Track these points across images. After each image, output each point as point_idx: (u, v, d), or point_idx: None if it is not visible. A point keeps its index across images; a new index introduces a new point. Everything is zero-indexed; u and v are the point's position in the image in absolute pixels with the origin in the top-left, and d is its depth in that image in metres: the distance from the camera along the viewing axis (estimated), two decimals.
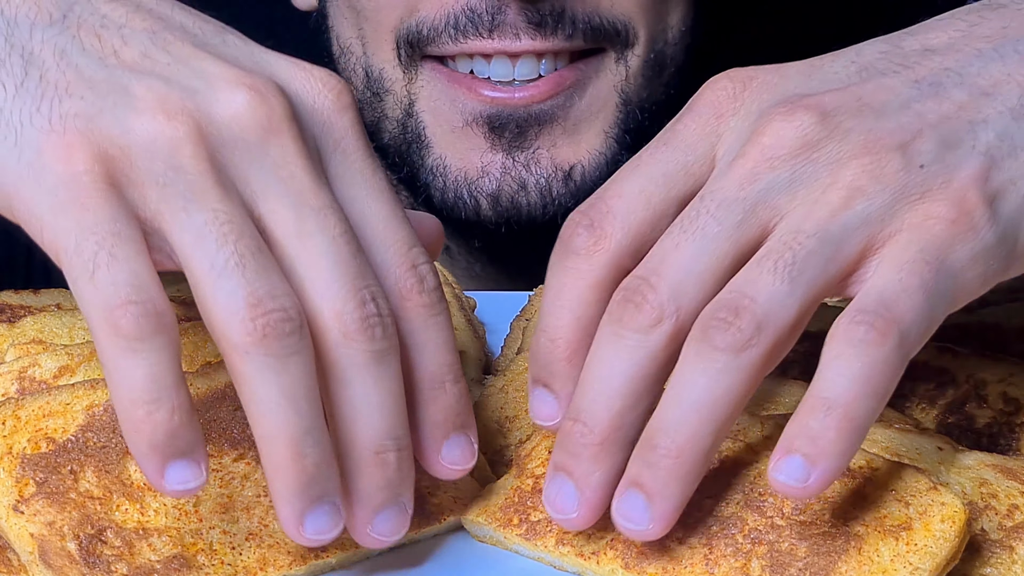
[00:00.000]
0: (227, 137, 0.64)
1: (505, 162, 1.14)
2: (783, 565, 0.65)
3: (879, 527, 0.66)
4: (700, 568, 0.66)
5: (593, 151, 1.16)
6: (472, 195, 1.15)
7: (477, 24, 1.10)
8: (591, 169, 1.16)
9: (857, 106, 0.67)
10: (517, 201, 1.14)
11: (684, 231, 0.66)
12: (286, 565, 0.67)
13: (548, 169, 1.14)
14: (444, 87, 1.14)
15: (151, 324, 0.60)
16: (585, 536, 0.68)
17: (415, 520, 0.68)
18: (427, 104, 1.16)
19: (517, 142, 1.14)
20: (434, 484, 0.71)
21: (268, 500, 0.68)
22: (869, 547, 0.65)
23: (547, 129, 1.14)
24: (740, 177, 0.66)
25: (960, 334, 0.83)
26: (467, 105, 1.14)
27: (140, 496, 0.67)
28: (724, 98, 0.70)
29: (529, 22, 1.10)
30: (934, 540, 0.65)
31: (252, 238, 0.63)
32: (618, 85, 1.16)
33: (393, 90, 1.17)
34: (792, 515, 0.67)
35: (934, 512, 0.66)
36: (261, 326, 0.61)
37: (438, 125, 1.16)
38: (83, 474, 0.67)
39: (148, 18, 0.68)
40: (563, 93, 1.14)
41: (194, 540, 0.66)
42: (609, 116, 1.16)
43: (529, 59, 1.12)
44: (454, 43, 1.11)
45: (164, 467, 0.61)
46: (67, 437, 0.68)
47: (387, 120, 1.18)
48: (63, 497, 0.66)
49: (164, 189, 0.63)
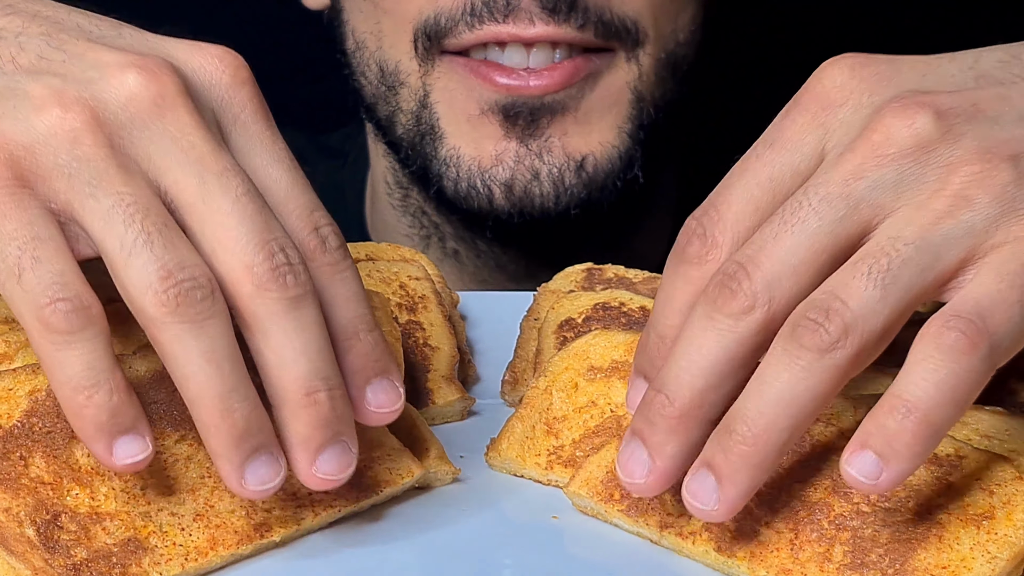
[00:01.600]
0: (124, 119, 0.68)
1: (519, 150, 1.14)
2: (864, 551, 0.68)
3: (961, 515, 0.68)
4: (785, 552, 0.69)
5: (605, 143, 1.16)
6: (485, 184, 1.16)
7: (492, 9, 1.11)
8: (603, 161, 1.16)
9: (972, 111, 0.67)
10: (530, 191, 1.15)
11: (784, 223, 0.67)
12: (234, 544, 0.69)
13: (560, 158, 1.15)
14: (460, 77, 1.15)
15: (80, 318, 0.65)
16: (686, 518, 0.71)
17: (353, 494, 0.72)
18: (442, 95, 1.17)
19: (530, 130, 1.14)
20: (369, 457, 0.74)
21: (212, 481, 0.71)
22: (950, 535, 0.67)
23: (559, 118, 1.15)
24: (846, 173, 0.67)
25: None
26: (483, 94, 1.14)
27: (89, 481, 0.69)
28: (833, 89, 0.70)
29: (543, 8, 1.11)
30: (1015, 530, 0.67)
31: (158, 214, 0.66)
32: (631, 83, 1.16)
33: (408, 83, 1.18)
34: (878, 502, 0.69)
35: (1018, 502, 0.67)
36: (173, 296, 0.65)
37: (453, 115, 1.16)
38: (32, 460, 0.69)
39: (44, 23, 0.71)
40: (576, 84, 1.14)
41: (144, 523, 0.69)
42: (622, 111, 1.16)
43: (543, 47, 1.13)
44: (470, 30, 1.12)
45: (112, 445, 0.66)
46: (12, 423, 0.70)
47: (401, 113, 1.20)
48: (16, 483, 0.68)
49: (70, 180, 0.67)
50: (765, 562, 0.69)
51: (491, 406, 0.88)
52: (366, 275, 0.91)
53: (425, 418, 0.81)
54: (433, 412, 0.85)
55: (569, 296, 0.91)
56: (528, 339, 0.90)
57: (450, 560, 0.71)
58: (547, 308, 0.90)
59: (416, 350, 0.87)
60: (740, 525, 0.70)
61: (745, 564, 0.69)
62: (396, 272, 0.92)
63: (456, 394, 0.86)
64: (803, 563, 0.68)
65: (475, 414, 0.88)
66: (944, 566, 0.66)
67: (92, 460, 0.70)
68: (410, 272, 0.92)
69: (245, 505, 0.70)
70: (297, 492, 0.72)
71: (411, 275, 0.92)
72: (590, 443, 0.77)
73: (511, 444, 0.79)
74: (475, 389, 0.91)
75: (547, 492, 0.78)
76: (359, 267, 0.92)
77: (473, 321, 0.97)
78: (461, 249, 1.27)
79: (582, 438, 0.78)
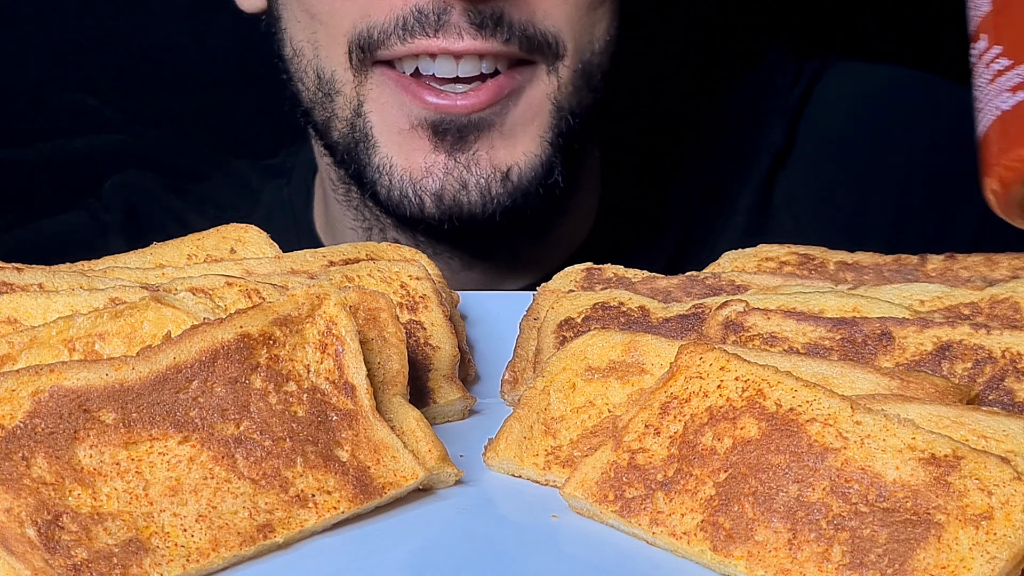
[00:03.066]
0: None
1: (447, 163, 1.20)
2: (863, 551, 0.68)
3: (960, 515, 0.68)
4: (783, 552, 0.69)
5: (529, 154, 1.22)
6: (417, 194, 1.21)
7: (424, 24, 1.16)
8: (527, 170, 1.22)
9: None
10: (459, 200, 1.20)
11: None
12: (236, 546, 0.70)
13: (487, 170, 1.20)
14: (392, 91, 1.20)
15: None
16: (678, 517, 0.71)
17: (357, 495, 0.72)
18: (375, 106, 1.21)
19: (458, 145, 1.20)
20: (375, 460, 0.74)
21: (215, 482, 0.71)
22: (949, 535, 0.67)
23: (485, 134, 1.20)
24: None
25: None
26: (413, 110, 1.19)
27: (91, 481, 0.70)
28: None
29: (471, 23, 1.16)
30: (1014, 530, 0.67)
31: None
32: (551, 94, 1.21)
33: (343, 91, 1.22)
34: (876, 502, 0.69)
35: (1016, 502, 0.67)
36: None
37: (385, 126, 1.21)
38: (34, 460, 0.70)
39: None
40: (500, 102, 1.19)
41: (146, 523, 0.69)
42: (543, 122, 1.22)
43: (471, 59, 1.17)
44: (402, 43, 1.17)
45: None
46: (15, 424, 0.71)
47: (336, 119, 1.24)
48: (18, 483, 0.69)
49: None
50: (763, 562, 0.69)
51: (491, 405, 0.89)
52: (367, 275, 0.91)
53: (426, 417, 0.81)
54: (434, 411, 0.86)
55: (568, 296, 0.91)
56: (528, 339, 0.90)
57: (450, 560, 0.71)
58: (546, 308, 0.91)
59: (417, 350, 0.88)
60: (736, 525, 0.69)
61: (743, 564, 0.69)
62: (397, 272, 0.92)
63: (457, 393, 0.86)
64: (802, 563, 0.68)
65: (474, 413, 0.88)
66: (943, 566, 0.66)
67: (94, 461, 0.70)
68: (411, 272, 0.92)
69: (248, 506, 0.71)
70: (300, 493, 0.72)
71: (412, 275, 0.92)
72: (588, 443, 0.77)
73: (509, 444, 0.79)
74: (475, 388, 0.91)
75: (546, 491, 0.78)
76: (360, 267, 0.92)
77: (473, 321, 0.98)
78: (402, 239, 1.31)
79: (580, 438, 0.78)
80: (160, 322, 0.78)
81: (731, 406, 0.73)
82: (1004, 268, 0.93)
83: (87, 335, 0.77)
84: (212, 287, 0.85)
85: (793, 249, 0.98)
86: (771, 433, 0.72)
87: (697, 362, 0.76)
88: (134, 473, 0.70)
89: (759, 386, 0.73)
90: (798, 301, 0.87)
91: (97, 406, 0.71)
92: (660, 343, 0.81)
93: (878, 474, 0.69)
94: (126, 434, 0.71)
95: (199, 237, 0.97)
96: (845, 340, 0.82)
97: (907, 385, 0.76)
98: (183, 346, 0.74)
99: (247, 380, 0.74)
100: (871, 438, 0.70)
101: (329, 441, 0.74)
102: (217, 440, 0.72)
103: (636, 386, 0.80)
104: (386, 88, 1.20)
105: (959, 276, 0.93)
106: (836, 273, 0.95)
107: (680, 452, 0.73)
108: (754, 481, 0.71)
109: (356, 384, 0.76)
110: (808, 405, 0.72)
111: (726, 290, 0.92)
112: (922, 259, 0.95)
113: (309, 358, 0.77)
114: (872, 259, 0.96)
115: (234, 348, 0.75)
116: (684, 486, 0.72)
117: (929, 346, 0.81)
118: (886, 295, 0.87)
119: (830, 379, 0.77)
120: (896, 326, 0.82)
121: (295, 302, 0.77)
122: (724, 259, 0.99)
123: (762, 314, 0.84)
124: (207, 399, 0.73)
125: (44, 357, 0.76)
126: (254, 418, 0.74)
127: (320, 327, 0.77)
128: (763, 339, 0.83)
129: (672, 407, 0.75)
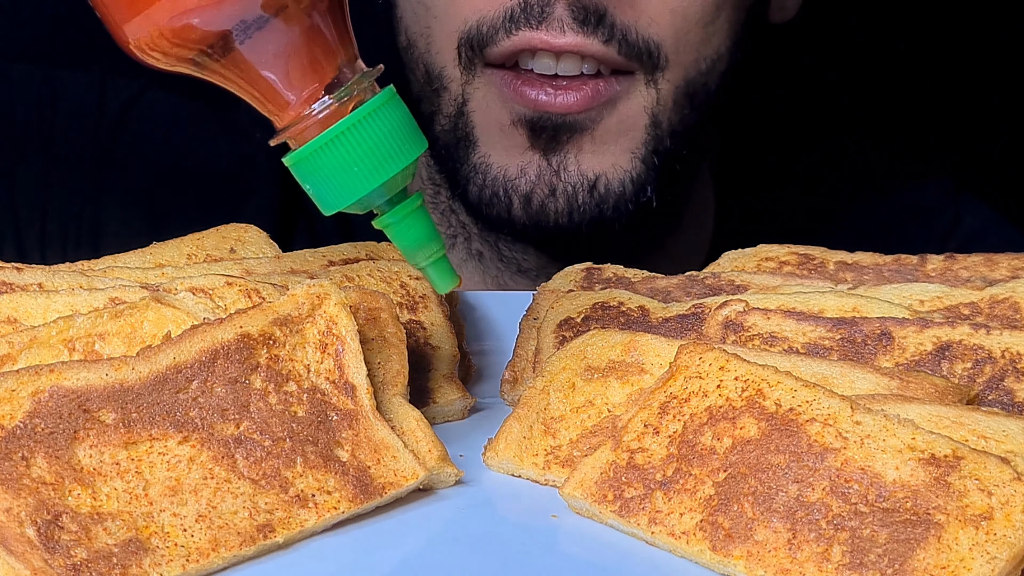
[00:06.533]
0: None
1: (540, 163, 1.20)
2: (863, 551, 0.68)
3: (960, 516, 0.68)
4: (783, 552, 0.69)
5: (618, 167, 1.21)
6: (507, 193, 1.21)
7: (528, 15, 1.16)
8: (615, 183, 1.21)
9: None
10: (546, 205, 1.20)
11: None
12: (236, 546, 0.70)
13: (575, 176, 1.20)
14: (496, 90, 1.20)
15: None
16: (677, 516, 0.72)
17: (357, 495, 0.72)
18: (479, 106, 1.22)
19: (552, 145, 1.19)
20: (376, 460, 0.75)
21: (215, 482, 0.71)
22: (948, 535, 0.67)
23: (576, 137, 1.19)
24: None
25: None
26: (514, 107, 1.19)
27: (91, 481, 0.70)
28: None
29: (574, 18, 1.15)
30: (1014, 531, 0.67)
31: None
32: (648, 107, 1.20)
33: (450, 88, 1.23)
34: (876, 502, 0.69)
35: (1016, 502, 0.67)
36: None
37: (487, 124, 1.21)
38: (34, 460, 0.70)
39: None
40: (596, 108, 1.18)
41: (146, 523, 0.69)
42: (637, 136, 1.20)
43: (571, 58, 1.17)
44: (508, 36, 1.17)
45: None
46: (15, 423, 0.71)
47: (440, 115, 1.24)
48: (17, 483, 0.69)
49: None
50: (763, 562, 0.69)
51: (491, 405, 0.89)
52: (367, 275, 0.91)
53: (426, 417, 0.81)
54: (434, 411, 0.86)
55: (568, 295, 0.91)
56: (528, 338, 0.90)
57: (450, 560, 0.72)
58: (546, 308, 0.91)
59: (417, 349, 0.88)
60: (735, 524, 0.70)
61: (742, 563, 0.69)
62: (397, 271, 0.92)
63: (457, 393, 0.86)
64: (801, 563, 0.68)
65: (474, 413, 0.88)
66: (943, 566, 0.66)
67: (94, 460, 0.70)
68: (411, 271, 0.92)
69: (248, 506, 0.71)
70: (300, 493, 0.72)
71: (412, 274, 0.92)
72: (587, 443, 0.78)
73: (508, 444, 0.79)
74: (475, 388, 0.91)
75: (545, 491, 0.78)
76: (360, 266, 0.92)
77: (473, 321, 0.98)
78: (485, 251, 1.31)
79: (579, 438, 0.78)
80: (160, 322, 0.78)
81: (731, 406, 0.74)
82: (1004, 268, 0.93)
83: (87, 335, 0.77)
84: (212, 287, 0.85)
85: (793, 249, 0.98)
86: (771, 433, 0.72)
87: (697, 362, 0.76)
88: (134, 473, 0.70)
89: (759, 386, 0.74)
90: (798, 301, 0.87)
91: (97, 406, 0.71)
92: (660, 343, 0.81)
93: (878, 474, 0.69)
94: (126, 434, 0.71)
95: (199, 237, 0.97)
96: (845, 340, 0.82)
97: (907, 385, 0.76)
98: (183, 346, 0.74)
99: (247, 380, 0.74)
100: (871, 438, 0.70)
101: (329, 441, 0.74)
102: (217, 440, 0.72)
103: (636, 386, 0.80)
104: (491, 88, 1.20)
105: (959, 276, 0.93)
106: (836, 273, 0.95)
107: (679, 452, 0.73)
108: (753, 481, 0.71)
109: (356, 384, 0.76)
110: (808, 405, 0.72)
111: (726, 290, 0.92)
112: (922, 259, 0.95)
113: (309, 358, 0.77)
114: (872, 259, 0.96)
115: (234, 348, 0.75)
116: (683, 486, 0.72)
117: (929, 346, 0.82)
118: (886, 295, 0.87)
119: (830, 379, 0.77)
120: (896, 326, 0.83)
121: (295, 302, 0.77)
122: (724, 259, 0.99)
123: (762, 314, 0.84)
124: (207, 399, 0.73)
125: (44, 357, 0.76)
126: (254, 418, 0.74)
127: (320, 327, 0.77)
128: (763, 339, 0.83)
129: (671, 407, 0.75)
